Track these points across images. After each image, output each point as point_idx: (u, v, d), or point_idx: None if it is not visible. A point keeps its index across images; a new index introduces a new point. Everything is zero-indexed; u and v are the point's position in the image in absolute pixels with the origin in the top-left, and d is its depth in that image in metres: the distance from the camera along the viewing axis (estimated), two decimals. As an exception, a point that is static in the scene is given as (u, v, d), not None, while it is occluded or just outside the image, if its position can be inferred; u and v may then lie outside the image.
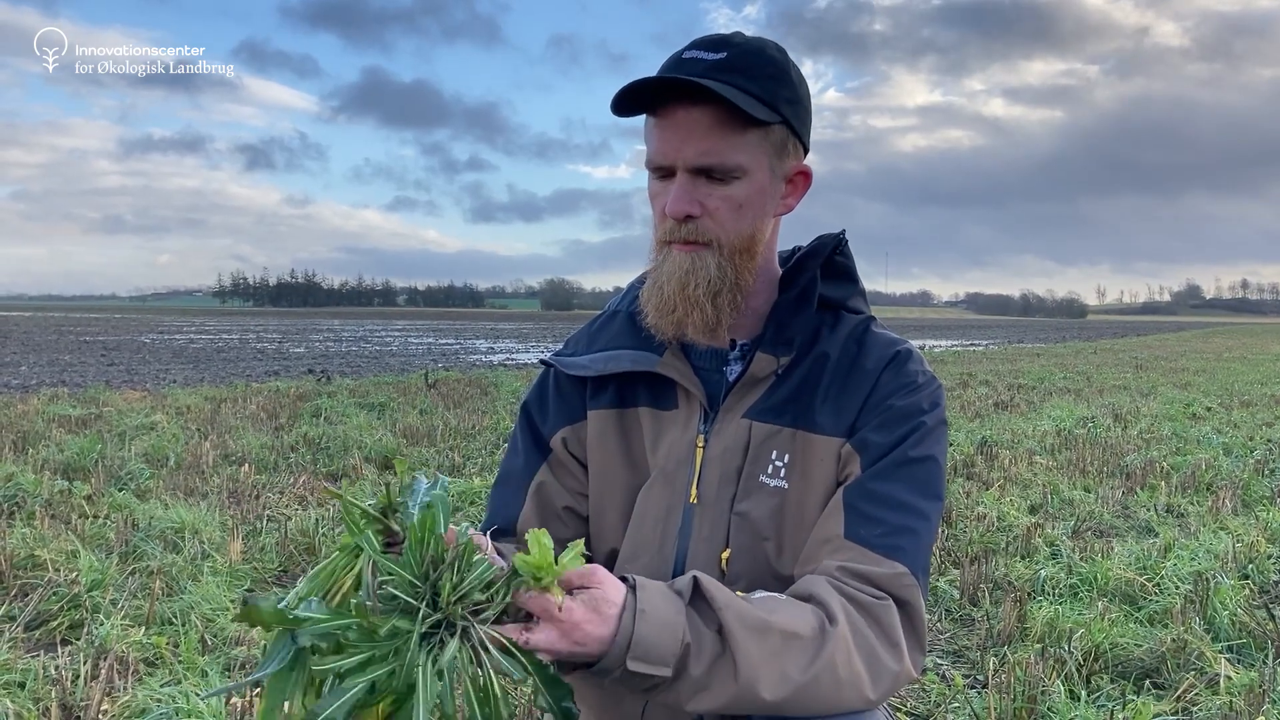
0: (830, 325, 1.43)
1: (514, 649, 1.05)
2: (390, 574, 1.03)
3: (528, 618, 1.08)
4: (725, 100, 1.25)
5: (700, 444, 1.42)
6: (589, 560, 1.45)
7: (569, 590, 1.09)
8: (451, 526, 1.13)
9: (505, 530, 1.50)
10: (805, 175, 1.40)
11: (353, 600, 1.05)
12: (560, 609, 1.06)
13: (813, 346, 1.41)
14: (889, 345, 1.42)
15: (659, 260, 1.38)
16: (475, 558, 1.05)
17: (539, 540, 1.04)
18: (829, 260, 1.45)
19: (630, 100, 1.30)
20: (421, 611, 1.01)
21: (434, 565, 1.03)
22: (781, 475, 1.38)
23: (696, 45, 1.32)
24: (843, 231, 1.47)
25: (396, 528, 1.14)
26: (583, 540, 1.10)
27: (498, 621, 1.06)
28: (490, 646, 1.04)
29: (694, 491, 1.41)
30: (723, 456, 1.40)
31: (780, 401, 1.39)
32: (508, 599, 1.06)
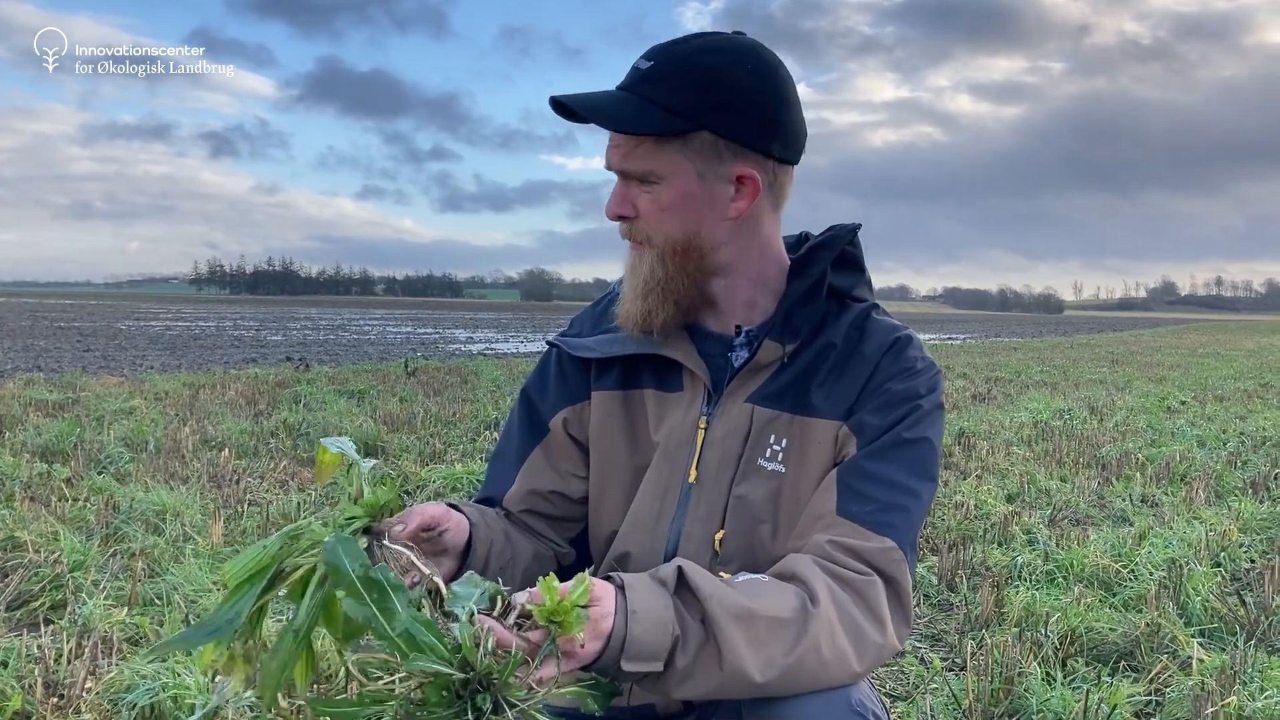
0: (835, 314, 1.45)
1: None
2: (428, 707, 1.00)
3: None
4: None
5: (702, 425, 1.44)
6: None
7: None
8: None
9: (494, 502, 1.54)
10: (750, 179, 1.37)
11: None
12: (583, 647, 1.06)
13: (818, 335, 1.43)
14: (889, 331, 1.44)
15: None
16: (493, 640, 1.02)
17: (549, 586, 1.04)
18: (840, 250, 1.47)
19: (560, 114, 1.38)
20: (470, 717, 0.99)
21: (463, 684, 1.00)
22: (779, 459, 1.40)
23: (645, 54, 1.38)
24: (858, 225, 1.49)
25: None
26: (587, 572, 1.09)
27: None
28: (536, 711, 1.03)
29: (693, 472, 1.43)
30: (724, 439, 1.43)
31: (782, 387, 1.42)
32: (538, 663, 1.04)
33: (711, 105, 1.32)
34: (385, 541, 1.19)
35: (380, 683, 1.03)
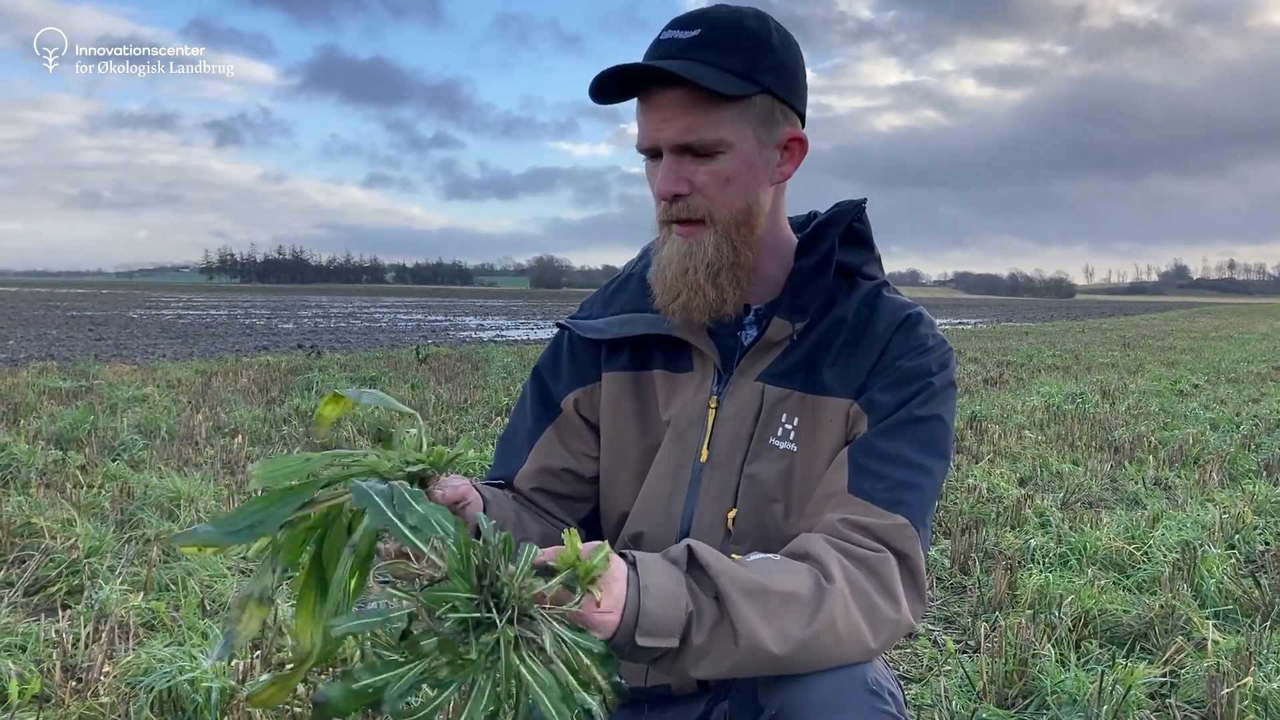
0: (845, 291, 1.45)
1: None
2: (446, 601, 0.97)
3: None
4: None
5: (713, 405, 1.44)
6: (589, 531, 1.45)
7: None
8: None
9: (505, 481, 1.53)
10: (800, 141, 1.39)
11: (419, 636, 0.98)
12: (599, 605, 1.06)
13: (827, 312, 1.43)
14: (900, 309, 1.44)
15: (660, 243, 1.40)
16: (510, 546, 1.01)
17: (573, 541, 1.03)
18: (847, 227, 1.46)
19: (607, 88, 1.31)
20: (498, 622, 0.97)
21: (482, 573, 0.99)
22: (791, 438, 1.40)
23: (673, 25, 1.33)
24: (863, 200, 1.49)
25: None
26: (607, 544, 1.08)
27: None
28: (558, 626, 1.02)
29: (704, 451, 1.43)
30: (735, 418, 1.42)
31: (792, 366, 1.41)
32: (557, 582, 1.03)
33: (766, 67, 1.32)
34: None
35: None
